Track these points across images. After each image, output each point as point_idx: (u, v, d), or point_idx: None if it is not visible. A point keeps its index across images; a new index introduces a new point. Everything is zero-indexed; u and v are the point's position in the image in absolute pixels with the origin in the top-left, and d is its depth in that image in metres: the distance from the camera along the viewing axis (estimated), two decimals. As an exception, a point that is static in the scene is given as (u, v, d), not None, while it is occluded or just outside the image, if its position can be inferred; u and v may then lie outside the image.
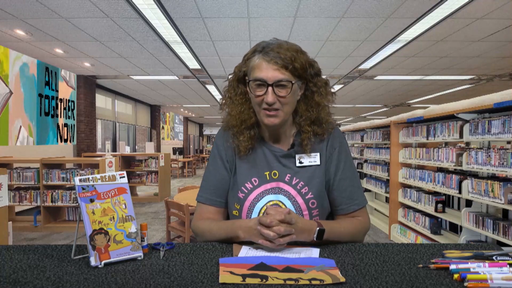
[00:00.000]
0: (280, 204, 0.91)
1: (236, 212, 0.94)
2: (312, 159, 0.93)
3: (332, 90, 0.95)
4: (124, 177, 0.79)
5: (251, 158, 0.95)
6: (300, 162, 0.93)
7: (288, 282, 0.61)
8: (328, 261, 0.71)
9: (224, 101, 0.97)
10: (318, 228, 0.81)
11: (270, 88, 0.83)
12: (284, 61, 0.82)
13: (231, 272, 0.65)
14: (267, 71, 0.83)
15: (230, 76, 0.96)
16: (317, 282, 0.61)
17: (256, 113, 0.91)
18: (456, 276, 0.63)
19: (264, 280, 0.62)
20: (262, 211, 0.91)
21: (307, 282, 0.61)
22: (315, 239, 0.81)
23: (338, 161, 0.94)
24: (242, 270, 0.66)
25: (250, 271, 0.66)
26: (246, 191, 0.93)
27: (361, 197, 0.95)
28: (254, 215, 0.91)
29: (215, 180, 0.97)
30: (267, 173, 0.94)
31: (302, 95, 0.91)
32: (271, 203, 0.91)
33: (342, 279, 0.62)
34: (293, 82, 0.84)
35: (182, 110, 14.01)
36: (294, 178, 0.92)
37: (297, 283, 0.61)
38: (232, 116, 0.93)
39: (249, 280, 0.62)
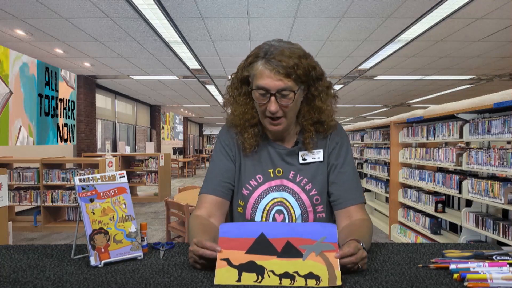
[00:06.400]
0: (285, 201, 0.92)
1: (241, 209, 0.95)
2: (316, 156, 0.94)
3: (335, 92, 0.94)
4: (124, 177, 0.79)
5: (255, 155, 0.96)
6: (304, 159, 0.94)
7: (283, 283, 0.63)
8: (330, 228, 0.68)
9: (227, 99, 0.97)
10: (361, 243, 0.71)
11: (272, 98, 0.83)
12: (287, 70, 0.81)
13: (228, 262, 0.65)
14: (270, 80, 0.82)
15: (233, 75, 0.95)
16: (313, 283, 0.62)
17: (260, 118, 0.92)
18: (456, 275, 0.63)
19: (260, 278, 0.63)
20: (267, 208, 0.92)
21: (303, 284, 0.62)
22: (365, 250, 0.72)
23: (338, 155, 0.95)
24: (240, 255, 0.66)
25: (247, 257, 0.66)
26: (251, 188, 0.94)
27: (360, 192, 0.94)
28: (259, 212, 0.92)
29: (218, 170, 0.96)
30: (270, 170, 0.94)
31: (304, 97, 0.91)
32: (275, 200, 0.92)
33: (339, 283, 0.62)
34: (295, 91, 0.83)
35: (182, 110, 14.01)
36: (298, 175, 0.93)
37: (292, 285, 0.62)
38: (236, 116, 0.94)
39: (244, 280, 0.63)
